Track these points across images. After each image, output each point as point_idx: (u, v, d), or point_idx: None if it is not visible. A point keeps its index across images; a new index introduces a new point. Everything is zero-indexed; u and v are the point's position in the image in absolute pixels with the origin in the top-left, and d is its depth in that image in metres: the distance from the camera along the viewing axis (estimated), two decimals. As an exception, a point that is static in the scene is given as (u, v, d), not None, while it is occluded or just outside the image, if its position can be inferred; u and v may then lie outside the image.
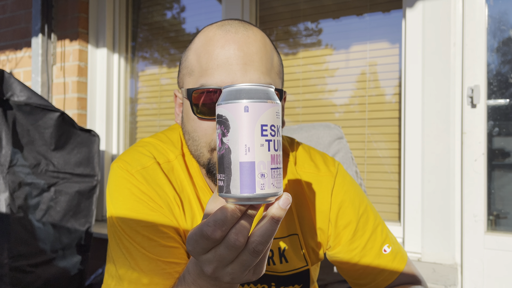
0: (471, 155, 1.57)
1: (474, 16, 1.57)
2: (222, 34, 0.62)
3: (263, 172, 0.41)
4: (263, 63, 0.62)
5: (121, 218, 0.66)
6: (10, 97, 1.54)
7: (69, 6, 2.35)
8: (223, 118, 0.42)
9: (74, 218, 1.70)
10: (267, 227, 0.42)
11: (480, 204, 1.55)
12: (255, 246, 0.42)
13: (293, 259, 0.74)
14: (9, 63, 2.57)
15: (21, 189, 1.52)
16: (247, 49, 0.61)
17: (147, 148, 0.72)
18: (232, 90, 0.42)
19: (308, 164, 0.77)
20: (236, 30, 0.62)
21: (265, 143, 0.41)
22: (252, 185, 0.40)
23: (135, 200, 0.67)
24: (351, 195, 0.76)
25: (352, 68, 1.88)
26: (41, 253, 1.56)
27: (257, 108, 0.41)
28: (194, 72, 0.64)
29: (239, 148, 0.40)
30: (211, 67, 0.61)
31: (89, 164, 1.76)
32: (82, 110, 2.36)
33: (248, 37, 0.62)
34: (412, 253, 1.64)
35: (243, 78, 0.59)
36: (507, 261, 1.52)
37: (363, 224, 0.75)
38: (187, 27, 2.35)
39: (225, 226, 0.41)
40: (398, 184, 1.78)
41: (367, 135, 1.84)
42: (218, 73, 0.60)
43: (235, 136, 0.41)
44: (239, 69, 0.60)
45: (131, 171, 0.68)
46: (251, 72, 0.60)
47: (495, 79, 1.59)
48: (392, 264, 0.75)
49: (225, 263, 0.43)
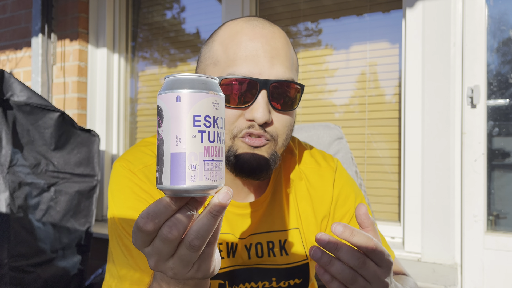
0: (471, 155, 1.57)
1: (474, 16, 1.57)
2: (250, 27, 0.64)
3: (194, 164, 0.39)
4: (287, 58, 0.64)
5: (122, 216, 0.66)
6: (10, 97, 1.54)
7: (69, 6, 2.35)
8: (159, 108, 0.41)
9: (74, 218, 1.70)
10: (203, 222, 0.41)
11: (480, 204, 1.55)
12: (191, 241, 0.41)
13: (293, 252, 0.75)
14: (9, 63, 2.57)
15: (21, 189, 1.52)
16: (274, 44, 0.63)
17: (149, 148, 0.73)
18: (168, 80, 0.41)
19: (309, 160, 0.80)
20: (263, 25, 0.65)
21: (197, 134, 0.39)
22: (182, 176, 0.39)
23: (136, 199, 0.67)
24: (349, 188, 0.80)
25: (352, 68, 1.88)
26: (41, 253, 1.56)
27: (189, 98, 0.39)
28: (220, 62, 0.64)
29: (170, 138, 0.39)
30: (240, 57, 0.62)
31: (89, 164, 1.77)
32: (82, 110, 2.36)
33: (274, 33, 0.64)
34: (412, 253, 1.64)
35: (270, 71, 0.61)
36: (507, 261, 1.52)
37: None
38: (187, 27, 2.35)
39: (158, 219, 0.40)
40: (398, 184, 1.78)
41: (367, 135, 1.84)
42: (246, 64, 0.61)
43: (168, 127, 0.40)
44: (266, 62, 0.61)
45: (133, 170, 0.69)
46: (277, 66, 0.62)
47: (495, 79, 1.59)
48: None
49: (164, 257, 0.42)
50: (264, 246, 0.74)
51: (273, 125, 0.63)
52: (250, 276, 0.75)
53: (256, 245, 0.74)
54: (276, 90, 0.62)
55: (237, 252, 0.74)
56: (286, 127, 0.65)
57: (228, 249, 0.73)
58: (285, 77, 0.62)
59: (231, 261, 0.74)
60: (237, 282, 0.75)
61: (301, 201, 0.77)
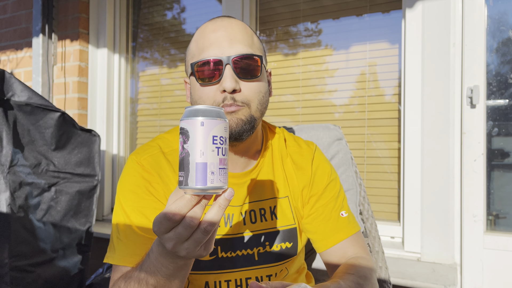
0: (470, 155, 1.57)
1: (474, 16, 1.58)
2: (212, 23, 0.80)
3: (213, 171, 0.54)
4: (245, 39, 0.79)
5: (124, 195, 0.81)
6: (11, 97, 1.54)
7: (70, 7, 2.35)
8: (185, 130, 0.55)
9: (75, 218, 1.71)
10: (215, 212, 0.55)
11: (480, 204, 1.56)
12: (206, 227, 0.55)
13: (282, 216, 0.88)
14: (10, 63, 2.58)
15: (21, 189, 1.53)
16: (231, 30, 0.78)
17: (156, 142, 0.88)
18: (192, 110, 0.55)
19: (293, 143, 0.96)
20: (222, 19, 0.80)
21: (215, 149, 0.54)
22: (204, 179, 0.54)
23: (137, 184, 0.81)
24: (325, 166, 0.95)
25: (351, 68, 1.88)
26: (41, 253, 1.57)
27: (210, 123, 0.54)
28: (195, 55, 0.81)
29: (195, 152, 0.54)
30: (206, 46, 0.78)
31: (90, 164, 1.77)
32: (82, 110, 2.36)
33: (232, 23, 0.80)
34: (411, 253, 1.65)
35: (230, 50, 0.76)
36: (506, 261, 1.52)
37: (330, 189, 0.92)
38: (187, 27, 2.36)
39: (183, 211, 0.54)
40: (397, 184, 1.78)
41: (367, 135, 1.84)
42: (212, 49, 0.77)
43: (193, 144, 0.54)
44: (226, 44, 0.77)
45: (139, 160, 0.83)
46: (236, 45, 0.77)
47: (495, 79, 1.59)
48: (345, 227, 0.89)
49: (182, 240, 0.56)
50: (257, 212, 0.87)
51: (242, 92, 0.77)
52: (245, 243, 0.86)
53: (250, 212, 0.87)
54: (238, 63, 0.76)
55: (233, 220, 0.86)
56: (256, 93, 0.79)
57: (225, 219, 0.85)
58: (244, 51, 0.77)
59: (227, 229, 0.85)
60: (233, 249, 0.85)
61: (288, 173, 0.91)
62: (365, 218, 1.31)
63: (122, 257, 0.76)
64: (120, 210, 0.80)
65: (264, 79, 0.82)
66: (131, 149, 2.49)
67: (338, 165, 1.33)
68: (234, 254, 0.85)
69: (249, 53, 0.77)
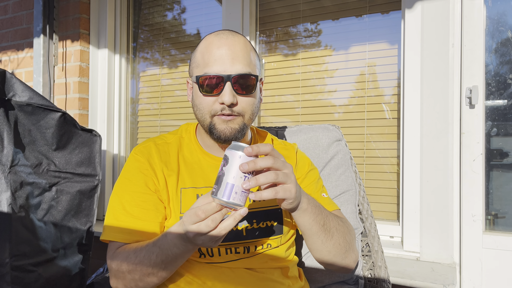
0: (469, 155, 1.58)
1: (473, 17, 1.58)
2: (217, 39, 0.92)
3: (237, 191, 0.72)
4: (245, 58, 0.91)
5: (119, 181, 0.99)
6: (12, 97, 1.55)
7: (71, 7, 2.36)
8: (227, 157, 0.74)
9: (76, 218, 1.72)
10: (230, 222, 0.73)
11: (479, 204, 1.56)
12: (221, 230, 0.73)
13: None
14: (11, 64, 2.59)
15: (22, 189, 1.53)
16: (234, 49, 0.90)
17: (154, 137, 1.07)
18: (237, 145, 0.74)
19: (278, 142, 1.14)
20: (227, 37, 0.92)
21: (243, 177, 0.72)
22: (229, 195, 0.72)
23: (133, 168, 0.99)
24: (306, 157, 1.13)
25: (351, 68, 1.89)
26: (42, 252, 1.58)
27: (243, 156, 0.73)
28: (200, 65, 0.93)
29: (229, 175, 0.72)
30: (211, 61, 0.90)
31: (91, 163, 1.78)
32: (83, 110, 2.37)
33: (235, 41, 0.92)
34: (410, 252, 1.65)
35: (231, 68, 0.89)
36: (505, 260, 1.53)
37: (311, 175, 1.08)
38: (187, 28, 2.36)
39: (208, 213, 0.72)
40: (397, 184, 1.79)
41: (366, 135, 1.85)
42: (215, 65, 0.90)
43: (229, 168, 0.73)
44: (229, 62, 0.89)
45: (134, 152, 1.02)
46: (237, 64, 0.89)
47: (493, 79, 1.60)
48: (328, 205, 1.03)
49: (201, 234, 0.74)
50: None
51: (239, 105, 0.90)
52: None
53: None
54: (237, 81, 0.89)
55: None
56: (250, 106, 0.93)
57: None
58: (243, 71, 0.90)
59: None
60: None
61: None
62: (365, 217, 1.32)
63: (117, 234, 0.93)
64: (115, 194, 0.97)
65: (257, 93, 0.95)
66: (131, 149, 2.50)
67: (338, 165, 1.33)
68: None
69: (247, 73, 0.90)
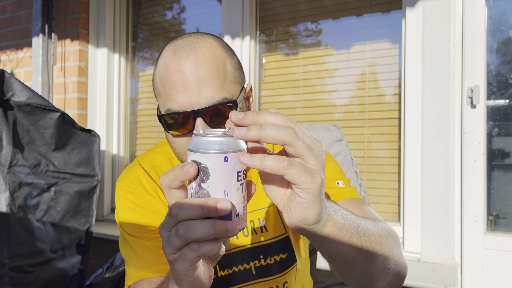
0: (470, 156, 1.57)
1: (474, 16, 1.58)
2: (176, 60, 0.71)
3: (238, 213, 0.46)
4: (215, 80, 0.70)
5: (121, 223, 0.85)
6: (10, 97, 1.54)
7: (70, 7, 2.35)
8: (202, 165, 0.44)
9: (74, 218, 1.71)
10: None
11: (480, 204, 1.55)
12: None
13: (272, 227, 0.85)
14: (10, 63, 2.58)
15: (21, 189, 1.52)
16: (198, 72, 0.70)
17: (136, 160, 0.90)
18: (212, 141, 0.44)
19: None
20: (187, 54, 0.71)
21: (239, 187, 0.45)
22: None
23: (126, 208, 0.84)
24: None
25: (352, 68, 1.88)
26: (41, 253, 1.57)
27: (234, 157, 0.44)
28: (161, 95, 0.75)
29: (218, 193, 0.44)
30: (172, 93, 0.71)
31: (90, 164, 1.77)
32: (82, 110, 2.36)
33: (198, 59, 0.71)
34: (411, 253, 1.64)
35: (199, 100, 0.69)
36: (506, 261, 1.52)
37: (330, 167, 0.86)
38: (187, 27, 2.35)
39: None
40: (398, 184, 1.78)
41: (367, 135, 1.84)
42: (179, 98, 0.70)
43: (215, 183, 0.44)
44: (194, 92, 0.69)
45: (122, 186, 0.86)
46: (205, 92, 0.70)
47: (495, 79, 1.59)
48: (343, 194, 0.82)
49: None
50: (248, 225, 0.84)
51: None
52: (240, 258, 0.84)
53: None
54: (210, 113, 0.70)
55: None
56: None
57: None
58: (214, 100, 0.70)
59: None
60: (229, 266, 0.84)
61: None
62: (365, 218, 1.31)
63: (135, 273, 0.78)
64: (121, 236, 0.85)
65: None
66: (131, 149, 2.49)
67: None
68: (231, 271, 0.84)
69: (220, 102, 0.70)
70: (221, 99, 0.70)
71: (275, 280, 0.84)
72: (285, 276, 0.85)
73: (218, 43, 0.76)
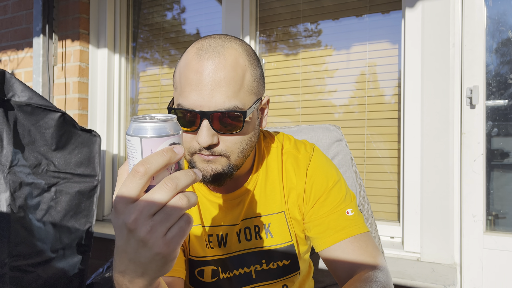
0: (470, 155, 1.58)
1: (473, 17, 1.58)
2: (197, 60, 0.72)
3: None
4: (230, 88, 0.71)
5: None
6: (11, 97, 1.54)
7: (70, 7, 2.36)
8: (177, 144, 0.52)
9: (75, 218, 1.71)
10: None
11: (479, 204, 1.56)
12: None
13: (278, 234, 0.85)
14: (11, 64, 2.58)
15: (21, 189, 1.53)
16: (215, 76, 0.70)
17: None
18: (176, 123, 0.52)
19: (290, 150, 0.89)
20: (209, 56, 0.71)
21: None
22: None
23: None
24: (322, 172, 0.86)
25: (351, 68, 1.88)
26: (41, 253, 1.57)
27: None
28: (177, 89, 0.76)
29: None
30: (186, 90, 0.72)
31: (90, 164, 1.77)
32: (83, 110, 2.37)
33: (219, 63, 0.71)
34: (411, 253, 1.65)
35: (210, 103, 0.70)
36: (506, 261, 1.52)
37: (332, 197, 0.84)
38: (187, 28, 2.36)
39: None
40: (397, 184, 1.78)
41: (367, 136, 1.84)
42: (191, 96, 0.71)
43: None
44: (207, 94, 0.70)
45: None
46: (217, 97, 0.70)
47: (494, 79, 1.59)
48: (350, 227, 0.81)
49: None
50: (252, 230, 0.85)
51: (221, 144, 0.73)
52: (241, 262, 0.85)
53: (244, 229, 0.85)
54: (217, 118, 0.70)
55: (228, 241, 0.84)
56: (236, 145, 0.74)
57: (218, 240, 0.84)
58: (225, 106, 0.70)
59: (223, 250, 0.84)
60: (231, 269, 0.85)
61: (286, 184, 0.86)
62: (365, 218, 1.31)
63: None
64: None
65: (248, 127, 0.75)
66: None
67: (338, 166, 1.33)
68: (232, 274, 0.85)
69: (230, 110, 0.70)
70: (232, 107, 0.70)
71: (274, 284, 0.85)
72: (285, 280, 0.86)
73: (244, 51, 0.75)
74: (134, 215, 0.45)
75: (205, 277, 0.85)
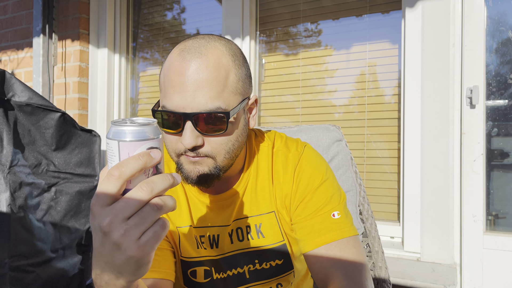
0: (470, 155, 1.58)
1: (473, 17, 1.58)
2: (179, 61, 0.71)
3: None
4: (212, 88, 0.70)
5: None
6: (11, 97, 1.54)
7: (70, 7, 2.36)
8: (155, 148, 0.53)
9: (75, 218, 1.71)
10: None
11: (479, 204, 1.56)
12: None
13: (269, 234, 0.84)
14: (11, 63, 2.58)
15: (21, 189, 1.53)
16: (197, 77, 0.70)
17: None
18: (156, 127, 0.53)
19: (281, 149, 0.87)
20: (191, 57, 0.71)
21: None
22: None
23: None
24: (309, 171, 0.84)
25: (351, 68, 1.88)
26: (41, 253, 1.57)
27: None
28: (161, 91, 0.76)
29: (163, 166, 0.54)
30: (169, 92, 0.72)
31: (90, 164, 1.77)
32: (83, 110, 2.37)
33: (201, 64, 0.70)
34: (411, 253, 1.65)
35: (192, 104, 0.70)
36: (505, 261, 1.52)
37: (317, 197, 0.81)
38: (187, 28, 2.36)
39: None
40: (397, 184, 1.78)
41: (367, 135, 1.84)
42: (174, 98, 0.71)
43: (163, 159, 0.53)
44: (189, 95, 0.70)
45: None
46: (200, 98, 0.70)
47: (494, 79, 1.59)
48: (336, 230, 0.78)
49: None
50: (244, 230, 0.85)
51: (206, 146, 0.72)
52: (234, 262, 0.85)
53: (236, 230, 0.85)
54: (200, 119, 0.70)
55: (220, 242, 0.84)
56: (221, 146, 0.73)
57: (210, 241, 0.84)
58: (207, 107, 0.69)
59: (216, 250, 0.84)
60: (224, 269, 0.85)
61: (275, 184, 0.85)
62: (365, 218, 1.31)
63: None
64: None
65: (233, 128, 0.74)
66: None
67: (338, 166, 1.33)
68: (226, 275, 0.85)
69: (213, 111, 0.69)
70: (215, 108, 0.70)
71: (268, 284, 0.85)
72: (279, 279, 0.86)
73: (228, 50, 0.74)
74: (108, 218, 0.45)
75: (197, 277, 0.86)
